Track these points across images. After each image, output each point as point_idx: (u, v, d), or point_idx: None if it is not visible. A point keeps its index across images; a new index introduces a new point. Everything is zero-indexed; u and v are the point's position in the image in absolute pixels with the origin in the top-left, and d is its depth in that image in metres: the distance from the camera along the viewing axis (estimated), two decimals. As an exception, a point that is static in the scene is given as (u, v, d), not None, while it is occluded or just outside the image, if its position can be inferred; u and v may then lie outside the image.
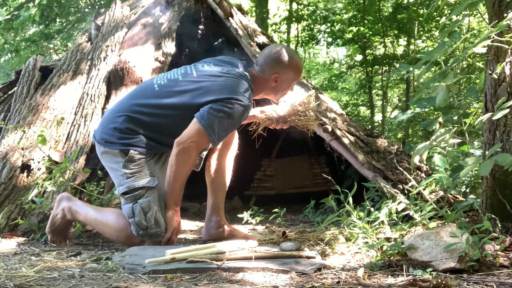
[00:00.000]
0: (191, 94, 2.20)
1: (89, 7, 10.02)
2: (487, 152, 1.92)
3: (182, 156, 2.15)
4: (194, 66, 2.37)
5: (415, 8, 8.21)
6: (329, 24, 9.18)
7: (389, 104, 10.75)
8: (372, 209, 2.25)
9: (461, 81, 6.85)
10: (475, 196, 2.89)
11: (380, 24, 8.39)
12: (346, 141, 3.17)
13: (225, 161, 2.53)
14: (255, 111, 2.51)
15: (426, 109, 4.40)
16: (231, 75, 2.25)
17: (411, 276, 1.57)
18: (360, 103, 10.53)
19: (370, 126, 8.20)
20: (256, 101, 2.42)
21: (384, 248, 1.85)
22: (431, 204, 2.08)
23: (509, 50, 1.94)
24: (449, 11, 7.51)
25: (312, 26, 9.44)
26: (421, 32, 8.61)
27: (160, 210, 2.19)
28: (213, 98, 2.15)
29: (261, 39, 4.24)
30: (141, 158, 2.22)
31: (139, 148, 2.21)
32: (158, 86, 2.28)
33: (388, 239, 2.03)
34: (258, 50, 3.88)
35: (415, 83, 8.25)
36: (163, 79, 2.31)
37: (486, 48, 1.99)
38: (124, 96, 2.40)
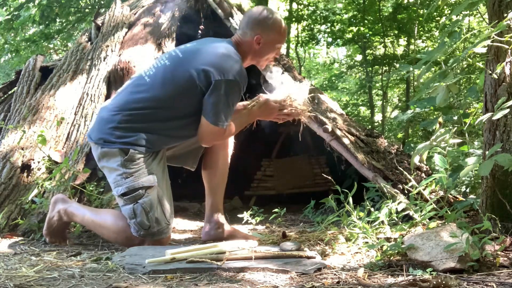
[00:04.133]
0: (182, 75, 2.20)
1: (89, 7, 10.01)
2: (487, 152, 1.92)
3: (222, 138, 2.33)
4: (177, 48, 2.37)
5: (415, 8, 8.20)
6: (329, 24, 9.17)
7: (389, 104, 10.74)
8: (372, 209, 2.25)
9: (461, 81, 6.85)
10: (475, 196, 2.89)
11: (380, 24, 8.38)
12: (346, 141, 3.17)
13: (221, 161, 2.52)
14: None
15: (426, 109, 4.39)
16: (216, 44, 2.26)
17: (411, 276, 1.57)
18: (360, 103, 10.52)
19: (370, 126, 8.19)
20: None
21: (384, 248, 1.85)
22: (431, 204, 2.08)
23: (509, 50, 1.94)
24: (449, 11, 7.50)
25: (312, 26, 9.43)
26: (421, 32, 8.60)
27: (160, 208, 2.18)
28: (205, 84, 2.16)
29: (261, 39, 4.23)
30: (141, 158, 2.18)
31: (139, 147, 2.18)
32: (148, 77, 2.26)
33: (388, 239, 2.03)
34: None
35: (415, 83, 8.24)
36: (151, 69, 2.30)
37: (486, 48, 1.99)
38: (118, 94, 2.35)
